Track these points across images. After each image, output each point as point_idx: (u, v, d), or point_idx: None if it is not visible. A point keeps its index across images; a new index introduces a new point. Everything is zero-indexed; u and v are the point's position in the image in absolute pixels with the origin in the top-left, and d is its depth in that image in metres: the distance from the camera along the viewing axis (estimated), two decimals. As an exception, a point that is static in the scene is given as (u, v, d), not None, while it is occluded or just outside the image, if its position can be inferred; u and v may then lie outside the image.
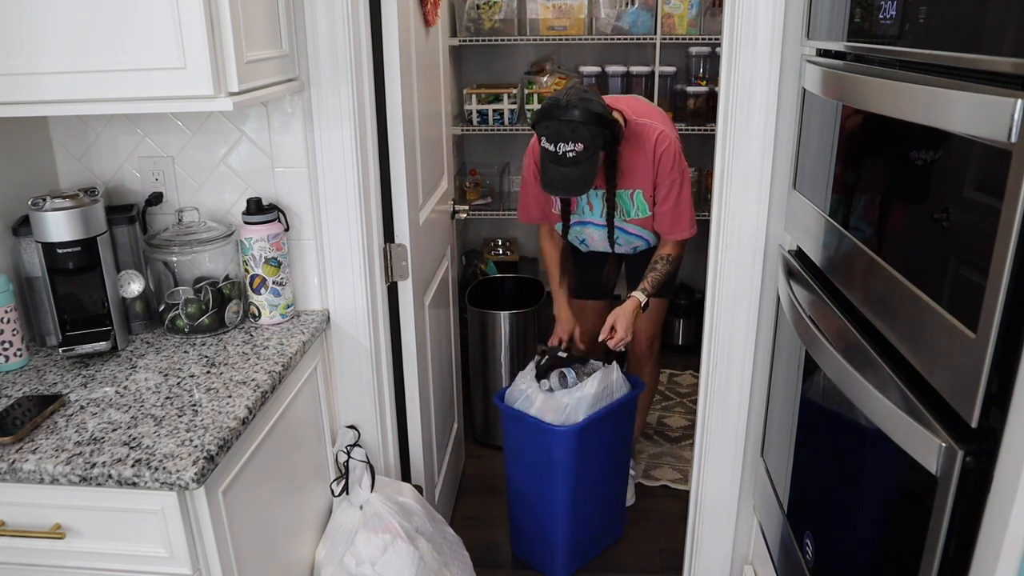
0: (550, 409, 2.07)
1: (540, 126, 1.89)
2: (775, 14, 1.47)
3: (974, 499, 0.85)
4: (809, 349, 1.30)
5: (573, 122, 1.84)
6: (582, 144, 1.85)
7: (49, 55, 1.27)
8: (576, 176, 1.89)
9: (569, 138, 1.84)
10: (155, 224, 1.74)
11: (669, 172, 2.06)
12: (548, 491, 2.15)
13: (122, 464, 1.16)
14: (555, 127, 1.86)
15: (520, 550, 2.33)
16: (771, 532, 1.62)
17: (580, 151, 1.85)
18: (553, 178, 1.91)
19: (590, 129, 1.86)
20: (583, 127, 1.85)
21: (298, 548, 1.62)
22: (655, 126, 2.04)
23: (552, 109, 1.87)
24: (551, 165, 1.90)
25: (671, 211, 2.10)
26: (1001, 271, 0.76)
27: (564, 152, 1.86)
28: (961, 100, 0.83)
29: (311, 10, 1.55)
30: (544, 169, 1.92)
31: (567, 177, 1.89)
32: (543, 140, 1.88)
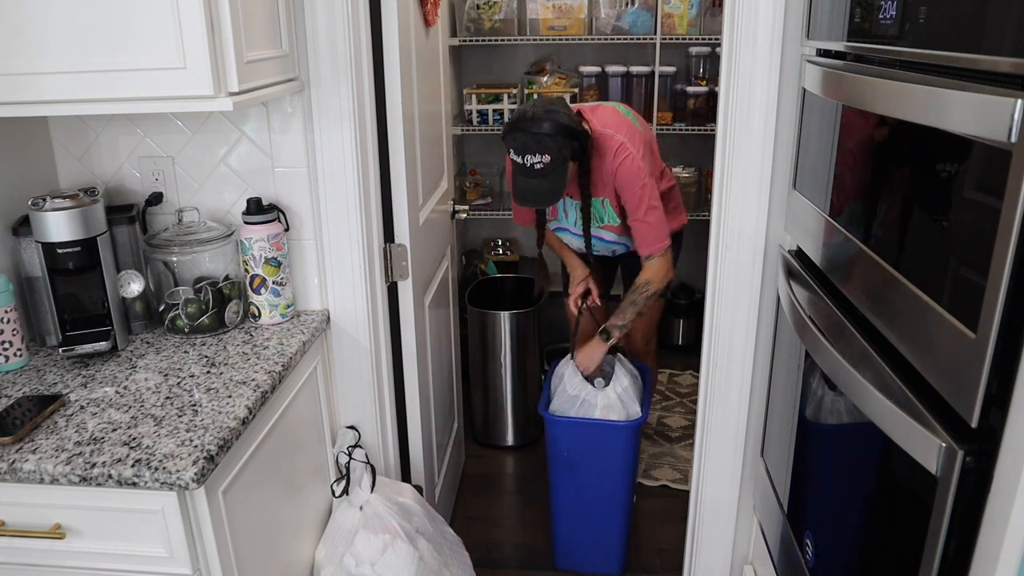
0: (611, 409, 2.09)
1: (508, 138, 1.91)
2: (775, 14, 1.47)
3: (974, 499, 0.85)
4: (809, 349, 1.30)
5: (539, 134, 1.86)
6: (549, 156, 1.86)
7: (49, 55, 1.27)
8: (545, 188, 1.91)
9: (535, 150, 1.86)
10: (155, 224, 1.74)
11: (627, 185, 2.03)
12: (609, 490, 2.15)
13: (122, 464, 1.16)
14: (522, 139, 1.87)
15: (568, 560, 2.29)
16: (771, 532, 1.62)
17: (547, 162, 1.87)
18: (523, 190, 1.93)
19: (556, 141, 1.87)
20: (549, 139, 1.86)
21: (298, 548, 1.62)
22: (616, 138, 2.02)
23: (519, 122, 1.89)
24: (521, 177, 1.92)
25: (638, 225, 2.08)
26: (1001, 271, 0.76)
27: (532, 164, 1.87)
28: (961, 100, 0.83)
29: (311, 10, 1.55)
30: (515, 181, 1.95)
31: (536, 188, 1.91)
32: (511, 152, 1.90)
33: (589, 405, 2.12)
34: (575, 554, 2.28)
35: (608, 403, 2.10)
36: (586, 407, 2.12)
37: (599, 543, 2.24)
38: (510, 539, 2.45)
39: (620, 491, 2.15)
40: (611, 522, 2.20)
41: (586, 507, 2.19)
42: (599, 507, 2.18)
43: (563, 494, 2.21)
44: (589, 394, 2.12)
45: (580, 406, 2.13)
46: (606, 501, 2.17)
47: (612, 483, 2.14)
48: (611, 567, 2.26)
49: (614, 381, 2.14)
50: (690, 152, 3.43)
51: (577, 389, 2.14)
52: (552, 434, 2.15)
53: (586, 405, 2.12)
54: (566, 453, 2.14)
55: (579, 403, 2.13)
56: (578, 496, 2.19)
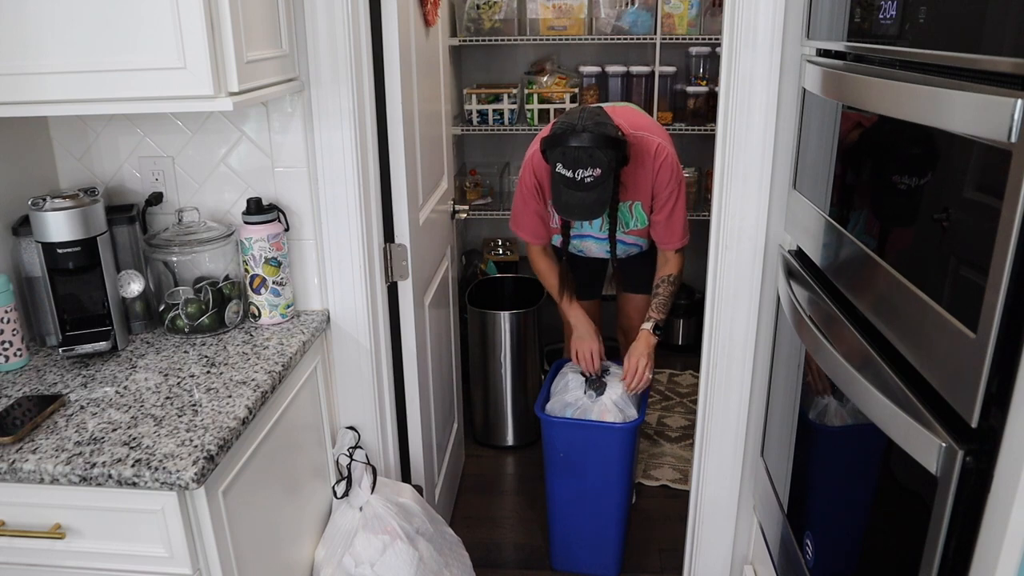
0: (607, 412, 2.10)
1: (555, 152, 1.86)
2: (775, 14, 1.47)
3: (974, 499, 0.85)
4: (809, 349, 1.30)
5: (590, 148, 1.82)
6: (600, 169, 1.83)
7: (49, 55, 1.27)
8: (593, 200, 1.87)
9: (587, 164, 1.82)
10: (155, 224, 1.74)
11: (667, 184, 2.05)
12: (606, 492, 2.15)
13: (122, 464, 1.16)
14: (573, 154, 1.83)
15: (564, 561, 2.29)
16: (771, 532, 1.62)
17: (598, 176, 1.83)
18: (569, 203, 1.89)
19: (607, 154, 1.84)
20: (600, 152, 1.83)
21: (298, 548, 1.62)
22: (653, 139, 2.03)
23: (568, 135, 1.84)
24: (567, 190, 1.87)
25: (666, 221, 2.10)
26: (1001, 271, 0.76)
27: (583, 178, 1.83)
28: (961, 100, 0.83)
29: (311, 10, 1.55)
30: (558, 193, 1.90)
31: (584, 201, 1.87)
32: (559, 167, 1.85)
33: (586, 410, 2.13)
34: (572, 555, 2.27)
35: (606, 409, 2.11)
36: (585, 411, 2.13)
37: (596, 544, 2.24)
38: (510, 539, 2.45)
39: (617, 493, 2.15)
40: (608, 523, 2.20)
41: (583, 508, 2.19)
42: (596, 508, 2.18)
43: (559, 495, 2.21)
44: (585, 401, 2.14)
45: (578, 410, 2.14)
46: (603, 502, 2.17)
47: (609, 485, 2.14)
48: (608, 569, 2.26)
49: (609, 390, 2.14)
50: (690, 152, 3.43)
51: (574, 396, 2.16)
52: (548, 435, 2.15)
53: (585, 410, 2.13)
54: (562, 454, 2.14)
55: (576, 407, 2.14)
56: (575, 497, 2.18)
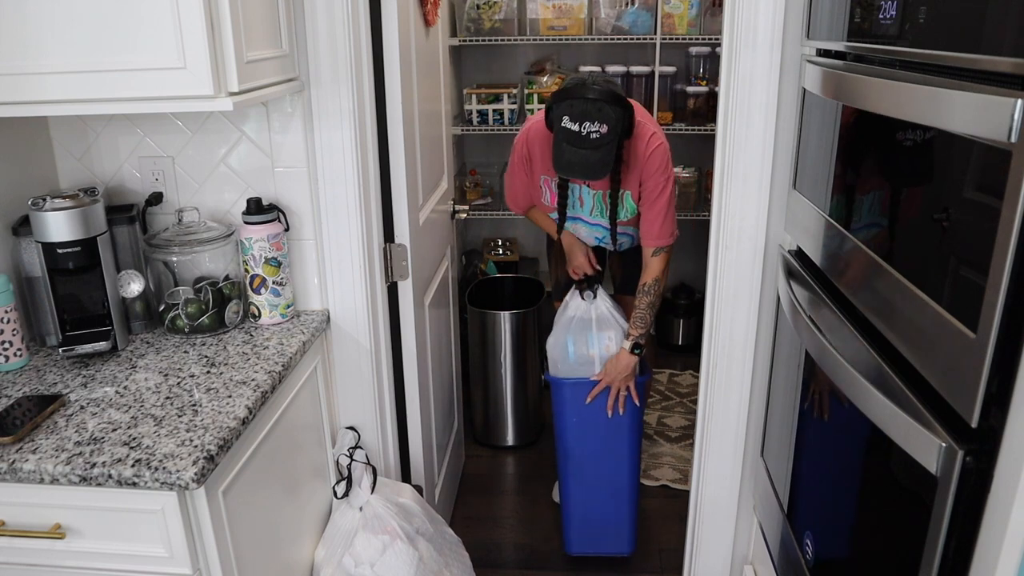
0: (606, 323, 2.10)
1: (563, 104, 1.81)
2: (775, 14, 1.47)
3: (974, 499, 0.85)
4: (809, 349, 1.30)
5: (599, 102, 1.78)
6: (607, 126, 1.78)
7: (49, 55, 1.27)
8: (596, 159, 1.82)
9: (595, 118, 1.78)
10: (155, 224, 1.74)
11: (655, 173, 2.01)
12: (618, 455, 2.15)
13: (122, 464, 1.16)
14: (581, 106, 1.78)
15: (581, 543, 2.28)
16: (771, 532, 1.62)
17: (604, 133, 1.79)
18: (571, 160, 1.83)
19: (615, 111, 1.80)
20: (609, 108, 1.79)
21: (297, 548, 1.62)
22: (648, 127, 2.01)
23: (577, 88, 1.81)
24: (569, 147, 1.81)
25: (657, 216, 2.05)
26: (1001, 271, 0.76)
27: (588, 132, 1.78)
28: (961, 100, 0.83)
29: (311, 10, 1.55)
30: (560, 151, 1.83)
31: (587, 160, 1.81)
32: (565, 119, 1.80)
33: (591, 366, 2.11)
34: (587, 537, 2.26)
35: (601, 315, 2.11)
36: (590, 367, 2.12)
37: (611, 520, 2.23)
38: (510, 539, 2.45)
39: (629, 455, 2.14)
40: (621, 493, 2.19)
41: (596, 479, 2.18)
42: (609, 476, 2.17)
43: (573, 470, 2.18)
44: (583, 310, 2.13)
45: (576, 325, 2.12)
46: (616, 468, 2.15)
47: (621, 447, 2.13)
48: (622, 546, 2.26)
49: (600, 295, 2.15)
50: (690, 152, 3.43)
51: (574, 309, 2.14)
52: (561, 398, 2.13)
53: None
54: (575, 419, 2.12)
55: (575, 322, 2.12)
56: (589, 467, 2.17)
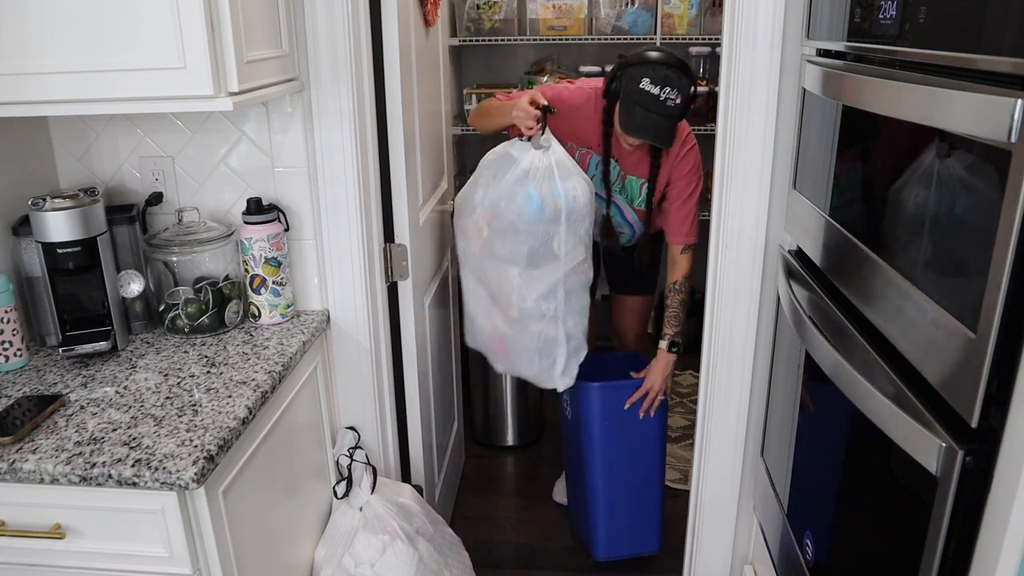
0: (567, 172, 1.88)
1: (644, 67, 1.83)
2: (775, 14, 1.47)
3: (974, 499, 0.85)
4: (809, 349, 1.30)
5: (680, 70, 1.83)
6: (682, 96, 1.82)
7: (49, 55, 1.27)
8: (667, 127, 1.86)
9: (676, 85, 1.81)
10: (155, 224, 1.74)
11: (689, 173, 2.03)
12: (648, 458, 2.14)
13: (122, 464, 1.16)
14: (664, 72, 1.81)
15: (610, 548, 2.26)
16: (771, 532, 1.62)
17: (678, 104, 1.83)
18: (644, 124, 1.85)
19: (690, 83, 1.84)
20: (687, 79, 1.83)
21: (297, 549, 1.62)
22: (686, 125, 2.03)
23: (660, 56, 1.85)
24: (642, 110, 1.83)
25: (688, 214, 2.06)
26: (1001, 271, 0.76)
27: (667, 98, 1.81)
28: (961, 100, 0.83)
29: (311, 10, 1.55)
30: (632, 113, 1.85)
31: (660, 125, 1.85)
32: (646, 81, 1.82)
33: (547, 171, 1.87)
34: (616, 539, 2.25)
35: (560, 162, 1.89)
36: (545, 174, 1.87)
37: (640, 519, 2.23)
38: (510, 539, 2.45)
39: (660, 451, 2.15)
40: (652, 490, 2.19)
41: (627, 480, 2.17)
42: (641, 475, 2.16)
43: (604, 471, 2.15)
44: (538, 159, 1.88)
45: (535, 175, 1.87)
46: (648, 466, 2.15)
47: (652, 445, 2.13)
48: (650, 545, 2.26)
49: (554, 143, 1.91)
50: (690, 152, 3.43)
51: (528, 161, 1.88)
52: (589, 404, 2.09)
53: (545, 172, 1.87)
54: (607, 422, 2.10)
55: (532, 172, 1.87)
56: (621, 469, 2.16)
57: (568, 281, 1.97)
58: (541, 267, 1.94)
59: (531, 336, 2.01)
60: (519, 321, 2.00)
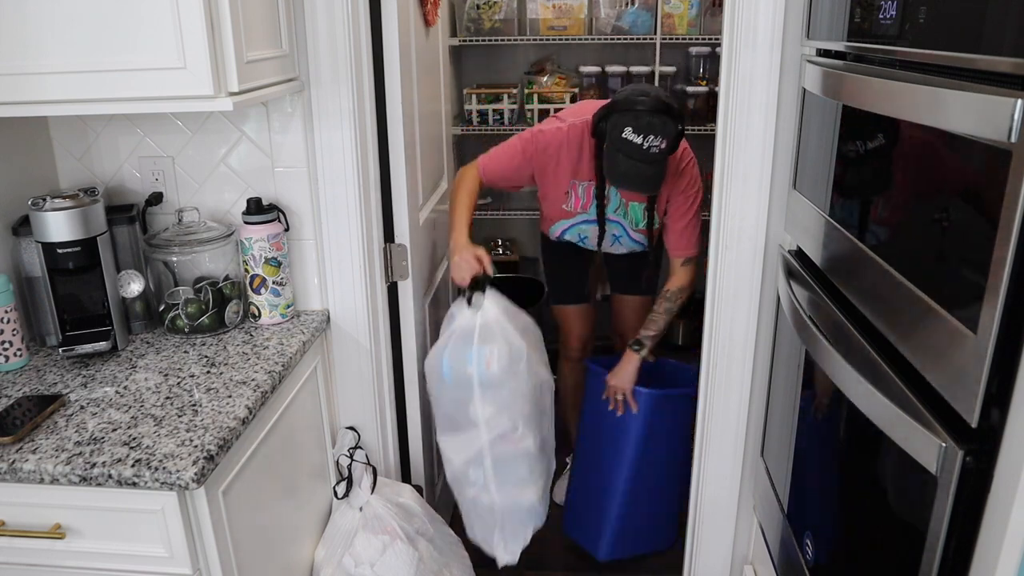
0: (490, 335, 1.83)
1: (627, 115, 1.79)
2: (775, 14, 1.47)
3: (974, 499, 0.85)
4: (809, 349, 1.30)
5: (664, 115, 1.78)
6: (666, 141, 1.78)
7: (49, 55, 1.27)
8: (652, 173, 1.82)
9: (659, 132, 1.77)
10: (155, 224, 1.74)
11: (687, 188, 2.02)
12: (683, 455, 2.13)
13: (122, 464, 1.16)
14: (647, 119, 1.77)
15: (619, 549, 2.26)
16: (771, 532, 1.62)
17: (663, 148, 1.79)
18: (628, 172, 1.82)
19: (675, 125, 1.80)
20: (671, 122, 1.79)
21: (297, 549, 1.62)
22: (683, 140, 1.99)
23: (641, 100, 1.80)
24: (626, 159, 1.80)
25: (680, 227, 2.06)
26: (1001, 271, 0.76)
27: (650, 146, 1.77)
28: (961, 100, 0.83)
29: (311, 10, 1.55)
30: (615, 162, 1.82)
31: (644, 173, 1.81)
32: (628, 131, 1.78)
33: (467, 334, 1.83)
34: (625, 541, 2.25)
35: (485, 325, 1.82)
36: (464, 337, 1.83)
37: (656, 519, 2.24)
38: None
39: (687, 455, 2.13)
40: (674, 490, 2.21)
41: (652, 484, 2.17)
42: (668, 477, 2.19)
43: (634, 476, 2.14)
44: (467, 320, 1.83)
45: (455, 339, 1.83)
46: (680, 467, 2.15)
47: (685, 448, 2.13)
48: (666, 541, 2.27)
49: (489, 300, 1.84)
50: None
51: (460, 319, 1.85)
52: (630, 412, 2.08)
53: (464, 335, 1.83)
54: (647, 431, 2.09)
55: (454, 336, 1.84)
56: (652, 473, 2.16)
57: (496, 450, 1.87)
58: (460, 434, 1.88)
59: (467, 502, 1.96)
60: (455, 482, 1.95)
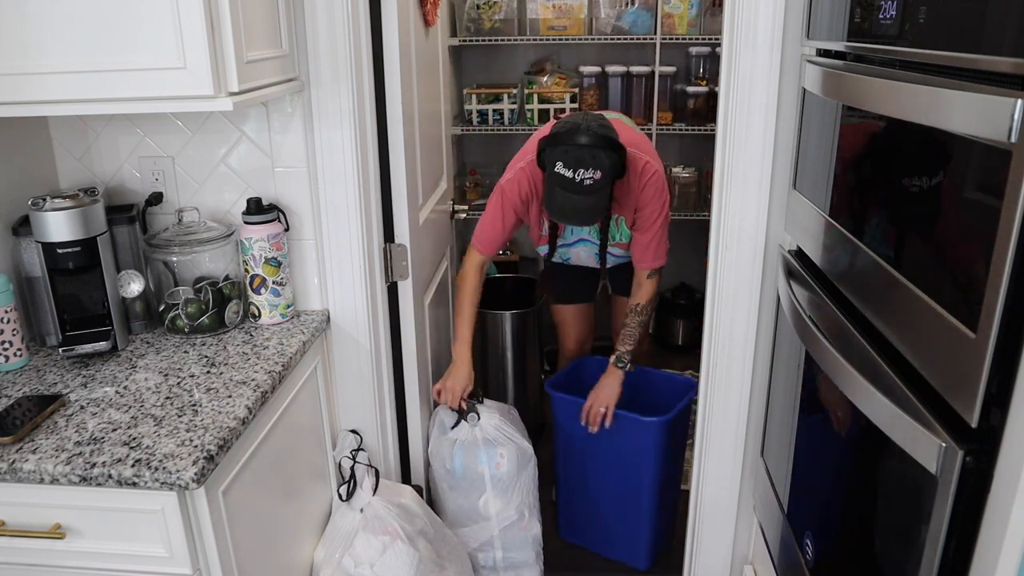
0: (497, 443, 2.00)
1: (557, 151, 1.81)
2: (775, 14, 1.47)
3: (974, 499, 0.85)
4: (809, 349, 1.30)
5: (594, 148, 1.79)
6: (600, 172, 1.79)
7: (49, 55, 1.27)
8: (589, 205, 1.83)
9: (590, 165, 1.78)
10: (155, 224, 1.74)
11: (651, 201, 2.02)
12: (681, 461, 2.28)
13: (122, 464, 1.16)
14: (576, 153, 1.78)
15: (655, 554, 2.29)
16: (771, 532, 1.62)
17: (598, 179, 1.79)
18: (564, 206, 1.83)
19: (609, 156, 1.80)
20: (603, 154, 1.79)
21: (297, 549, 1.62)
22: (641, 156, 2.00)
23: (572, 134, 1.81)
24: (563, 193, 1.81)
25: (646, 240, 2.06)
26: (1001, 271, 0.76)
27: (582, 179, 1.78)
28: (961, 100, 0.83)
29: (311, 10, 1.55)
30: (553, 197, 1.84)
31: (580, 206, 1.82)
32: (558, 165, 1.80)
33: (472, 443, 1.98)
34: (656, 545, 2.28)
35: (487, 436, 1.99)
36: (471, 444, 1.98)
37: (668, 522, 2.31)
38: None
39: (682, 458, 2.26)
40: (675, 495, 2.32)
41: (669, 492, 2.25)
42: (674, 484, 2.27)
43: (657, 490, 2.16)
44: (467, 432, 1.99)
45: (461, 444, 1.98)
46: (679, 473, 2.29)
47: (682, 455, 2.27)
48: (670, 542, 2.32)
49: (485, 417, 2.01)
50: (690, 152, 3.43)
51: (457, 432, 2.00)
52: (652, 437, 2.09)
53: (470, 443, 1.98)
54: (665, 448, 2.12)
55: (458, 443, 1.99)
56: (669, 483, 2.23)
57: (505, 538, 2.04)
58: (469, 527, 2.03)
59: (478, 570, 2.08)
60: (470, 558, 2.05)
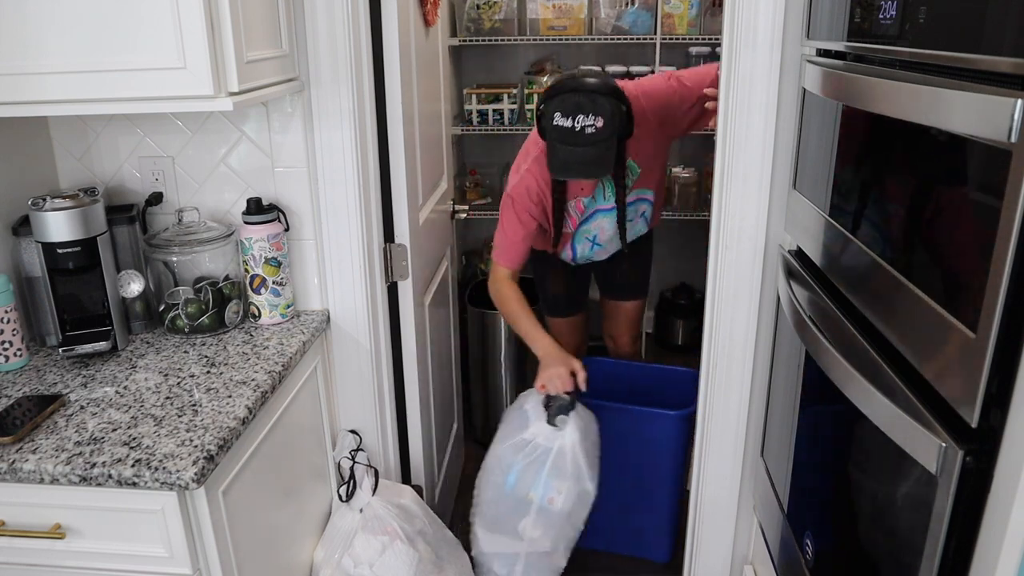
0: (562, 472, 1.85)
1: (554, 100, 1.69)
2: (775, 14, 1.47)
3: (974, 499, 0.85)
4: (809, 349, 1.30)
5: (592, 93, 1.67)
6: (602, 119, 1.66)
7: (49, 55, 1.27)
8: (593, 156, 1.69)
9: (590, 110, 1.65)
10: (155, 224, 1.74)
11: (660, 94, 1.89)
12: None
13: (122, 464, 1.16)
14: (574, 99, 1.66)
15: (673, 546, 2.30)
16: (771, 532, 1.62)
17: (600, 127, 1.66)
18: (567, 160, 1.70)
19: (610, 102, 1.68)
20: (603, 99, 1.67)
21: (297, 549, 1.62)
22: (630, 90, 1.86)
23: (567, 81, 1.70)
24: (563, 146, 1.69)
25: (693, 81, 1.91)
26: (1001, 271, 0.76)
27: (583, 127, 1.66)
28: (961, 100, 0.82)
29: (311, 10, 1.55)
30: (555, 153, 1.71)
31: (584, 157, 1.68)
32: (557, 116, 1.68)
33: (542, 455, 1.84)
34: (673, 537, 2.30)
35: (560, 454, 1.83)
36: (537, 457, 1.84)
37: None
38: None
39: None
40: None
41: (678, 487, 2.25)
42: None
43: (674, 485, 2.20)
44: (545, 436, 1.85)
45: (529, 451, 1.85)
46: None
47: None
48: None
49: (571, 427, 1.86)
50: (690, 152, 3.43)
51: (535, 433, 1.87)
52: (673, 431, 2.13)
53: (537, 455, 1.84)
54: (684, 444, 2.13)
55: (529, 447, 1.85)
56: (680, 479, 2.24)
57: (530, 559, 1.93)
58: (501, 535, 1.92)
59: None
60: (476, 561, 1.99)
